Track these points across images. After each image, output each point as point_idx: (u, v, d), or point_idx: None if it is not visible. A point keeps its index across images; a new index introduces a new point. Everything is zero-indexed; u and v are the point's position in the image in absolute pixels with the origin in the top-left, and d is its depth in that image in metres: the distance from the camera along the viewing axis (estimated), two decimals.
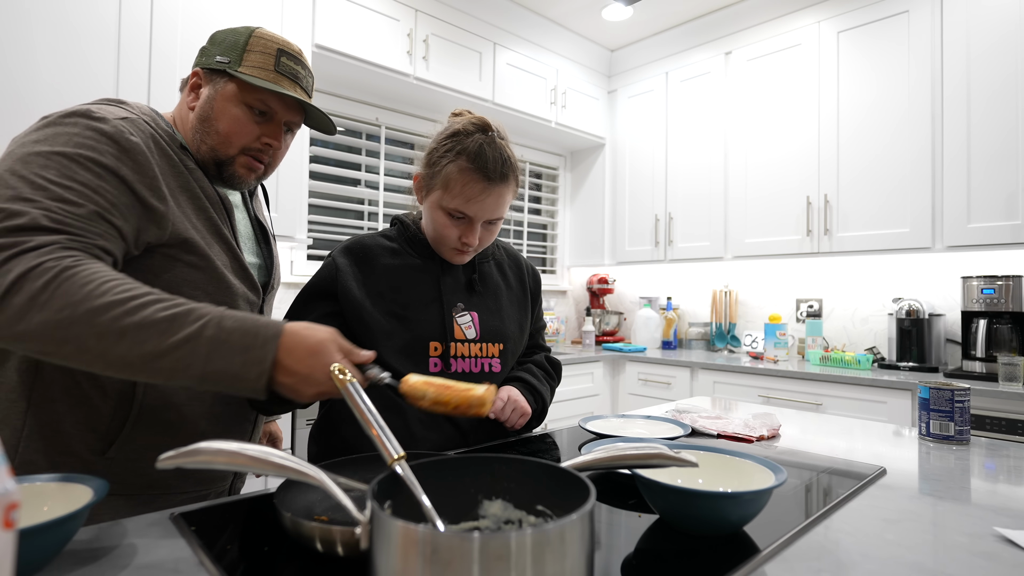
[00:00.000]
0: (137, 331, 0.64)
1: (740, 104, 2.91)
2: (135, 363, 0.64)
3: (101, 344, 0.63)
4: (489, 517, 0.55)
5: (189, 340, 0.65)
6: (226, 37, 0.89)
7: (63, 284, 0.63)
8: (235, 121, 0.87)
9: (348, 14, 2.32)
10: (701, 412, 1.29)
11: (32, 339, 0.63)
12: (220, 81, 0.88)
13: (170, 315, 0.66)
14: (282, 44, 0.90)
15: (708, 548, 0.60)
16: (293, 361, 0.69)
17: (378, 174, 2.80)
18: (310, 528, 0.54)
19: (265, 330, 0.69)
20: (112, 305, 0.64)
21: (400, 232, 1.11)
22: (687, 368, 2.76)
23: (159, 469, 0.78)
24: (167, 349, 0.65)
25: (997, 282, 2.13)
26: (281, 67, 0.89)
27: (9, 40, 1.55)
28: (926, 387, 1.13)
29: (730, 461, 0.73)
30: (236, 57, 0.87)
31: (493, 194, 0.98)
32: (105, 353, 0.64)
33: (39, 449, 0.77)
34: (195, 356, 0.65)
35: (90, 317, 0.63)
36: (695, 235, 3.07)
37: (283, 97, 0.89)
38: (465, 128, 0.99)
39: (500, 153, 0.98)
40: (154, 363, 0.65)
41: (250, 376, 0.67)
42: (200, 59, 0.90)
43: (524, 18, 2.99)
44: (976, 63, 2.18)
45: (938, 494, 0.80)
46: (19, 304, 0.62)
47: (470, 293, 1.10)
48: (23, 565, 0.48)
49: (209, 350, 0.66)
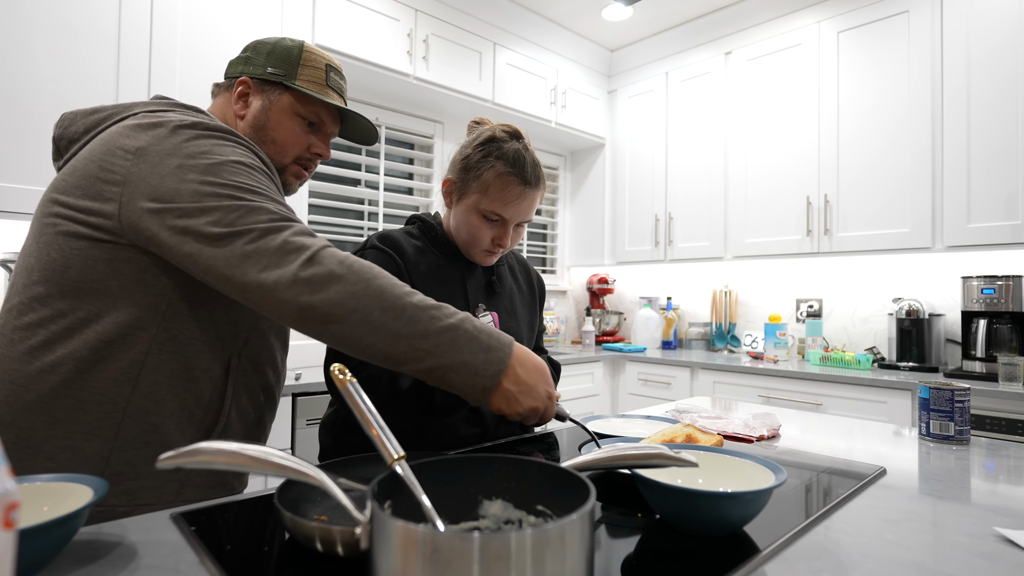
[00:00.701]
0: (413, 311, 0.72)
1: (740, 104, 2.91)
2: (403, 338, 0.71)
3: (383, 317, 0.70)
4: (489, 517, 0.55)
5: (451, 329, 0.73)
6: (274, 49, 0.93)
7: (353, 264, 0.72)
8: (291, 131, 0.93)
9: (348, 14, 2.32)
10: (701, 412, 1.29)
11: (325, 307, 0.69)
12: (274, 92, 0.92)
13: (435, 304, 0.74)
14: (329, 60, 0.96)
15: (708, 548, 0.60)
16: (523, 372, 0.77)
17: (378, 174, 2.80)
18: (310, 528, 0.54)
19: (502, 337, 0.78)
20: (392, 287, 0.72)
21: (423, 231, 1.14)
22: (687, 368, 2.76)
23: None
24: (434, 332, 0.72)
25: (997, 282, 2.13)
26: (331, 82, 0.95)
27: (9, 40, 1.55)
28: (926, 387, 1.13)
29: (730, 461, 0.73)
30: (291, 71, 0.92)
31: (528, 197, 1.05)
32: (384, 326, 0.70)
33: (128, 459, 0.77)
34: (452, 344, 0.72)
35: (379, 293, 0.71)
36: (695, 235, 3.07)
37: (331, 109, 0.95)
38: (500, 136, 1.05)
39: (533, 158, 1.05)
40: (419, 341, 0.71)
41: (488, 373, 0.74)
42: (243, 68, 0.93)
43: (524, 18, 2.99)
44: (976, 63, 2.18)
45: (938, 494, 0.80)
46: (320, 275, 0.70)
47: (489, 294, 1.15)
48: (23, 565, 0.48)
49: (464, 341, 0.73)
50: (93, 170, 0.76)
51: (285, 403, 1.87)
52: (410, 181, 3.00)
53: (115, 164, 0.75)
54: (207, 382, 0.82)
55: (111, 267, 0.75)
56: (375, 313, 0.70)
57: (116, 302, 0.76)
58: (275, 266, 0.70)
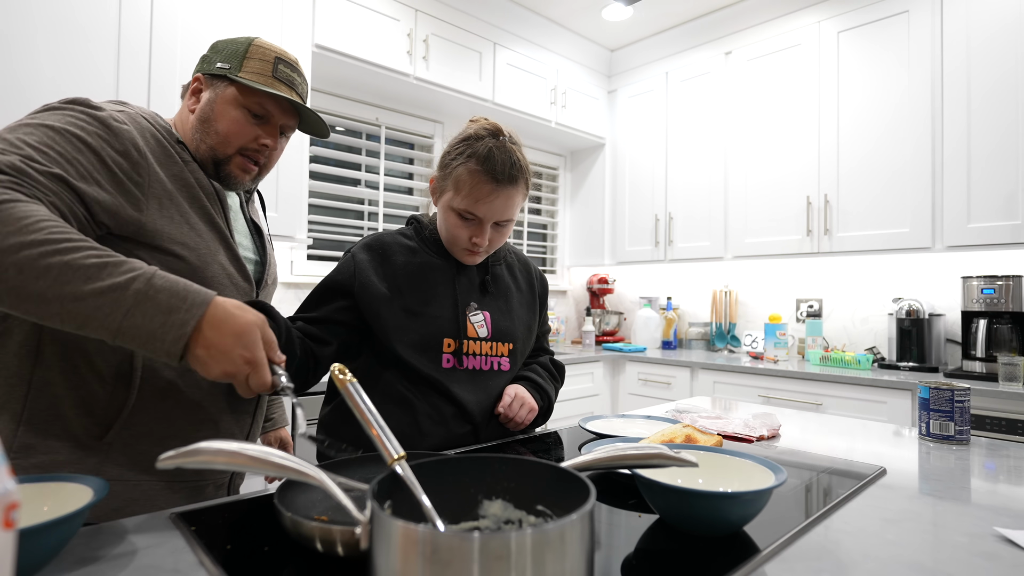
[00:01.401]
0: (61, 270, 0.63)
1: (740, 104, 2.91)
2: (51, 302, 0.63)
3: (20, 277, 0.62)
4: (489, 517, 0.55)
5: (114, 290, 0.64)
6: (227, 46, 0.94)
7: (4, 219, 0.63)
8: (234, 122, 0.91)
9: (348, 14, 2.32)
10: (701, 412, 1.29)
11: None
12: (220, 85, 0.92)
13: (100, 263, 0.65)
14: (279, 53, 0.95)
15: (708, 548, 0.60)
16: (215, 335, 0.68)
17: (378, 174, 2.80)
18: (310, 528, 0.54)
19: (195, 296, 0.68)
20: (43, 242, 0.63)
21: (417, 231, 1.15)
22: (687, 368, 2.76)
23: (159, 469, 0.79)
24: (88, 294, 0.64)
25: (997, 282, 2.13)
26: (278, 73, 0.94)
27: (10, 40, 1.55)
28: (926, 387, 1.13)
29: (730, 461, 0.73)
30: (236, 64, 0.92)
31: (501, 196, 1.02)
32: (22, 287, 0.63)
33: (38, 432, 0.78)
34: (116, 307, 0.64)
35: (17, 249, 0.62)
36: (695, 235, 3.07)
37: (279, 100, 0.94)
38: (477, 133, 1.04)
39: (509, 156, 1.02)
40: (71, 305, 0.63)
41: (167, 339, 0.66)
42: (201, 66, 0.95)
43: (524, 18, 2.99)
44: (976, 63, 2.18)
45: (938, 494, 0.80)
46: None
47: (483, 294, 1.14)
48: (23, 565, 0.48)
49: (132, 304, 0.65)
50: None
51: (285, 403, 1.87)
52: (410, 181, 3.00)
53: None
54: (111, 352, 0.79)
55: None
56: (10, 271, 0.62)
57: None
58: None
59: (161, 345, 0.66)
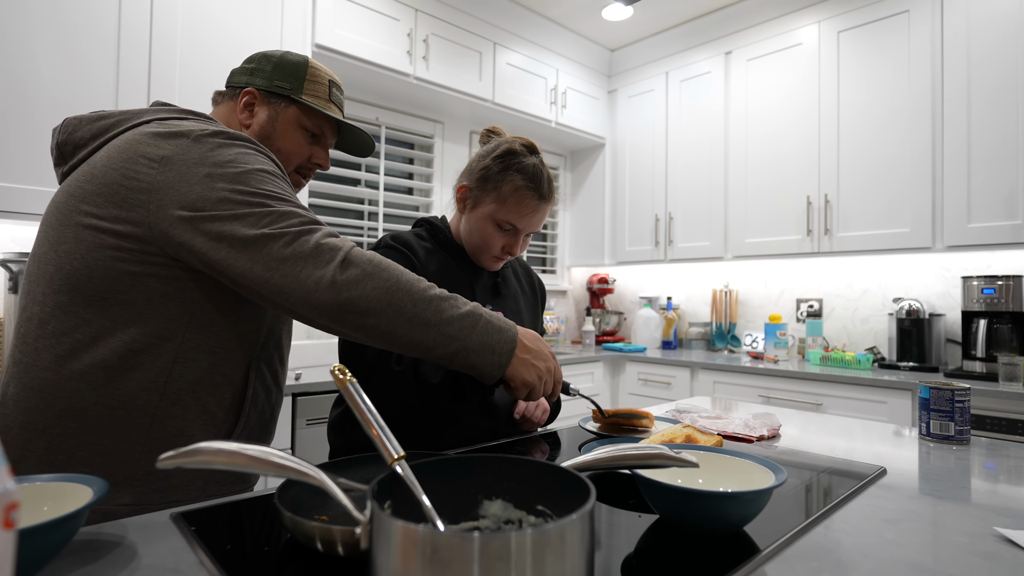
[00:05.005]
0: (438, 301, 0.78)
1: (740, 104, 2.91)
2: (432, 326, 0.77)
3: (415, 308, 0.76)
4: (489, 517, 0.55)
5: (470, 315, 0.80)
6: (281, 62, 0.97)
7: (381, 261, 0.77)
8: (294, 142, 0.98)
9: (348, 14, 2.32)
10: (701, 412, 1.29)
11: (363, 302, 0.74)
12: (280, 104, 0.97)
13: (451, 295, 0.81)
14: (331, 76, 1.02)
15: (708, 548, 0.60)
16: (529, 342, 0.86)
17: (378, 174, 2.80)
18: (310, 528, 0.54)
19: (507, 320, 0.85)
20: (417, 280, 0.78)
21: (431, 233, 1.19)
22: (687, 368, 2.76)
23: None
24: (456, 318, 0.79)
25: (997, 282, 2.13)
26: (333, 97, 1.01)
27: (10, 40, 1.55)
28: (926, 387, 1.13)
29: (730, 461, 0.73)
30: (297, 85, 0.97)
31: (541, 211, 1.11)
32: (416, 316, 0.76)
33: None
34: (473, 328, 0.80)
35: (408, 287, 0.77)
36: (695, 235, 3.07)
37: (332, 122, 1.00)
38: (519, 150, 1.11)
39: (548, 174, 1.12)
40: (445, 328, 0.78)
41: (503, 350, 0.82)
42: (251, 79, 0.97)
43: (524, 18, 2.99)
44: (976, 63, 2.18)
45: (938, 494, 0.80)
46: (355, 274, 0.74)
47: (495, 295, 1.20)
48: (23, 565, 0.48)
49: (482, 325, 0.80)
50: (116, 178, 0.77)
51: (285, 403, 1.87)
52: (410, 181, 3.00)
53: (139, 172, 0.76)
54: (228, 387, 0.85)
55: (136, 280, 0.77)
56: (407, 305, 0.76)
57: (141, 313, 0.77)
58: (312, 267, 0.73)
59: (498, 357, 0.81)
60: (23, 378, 0.77)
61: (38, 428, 0.76)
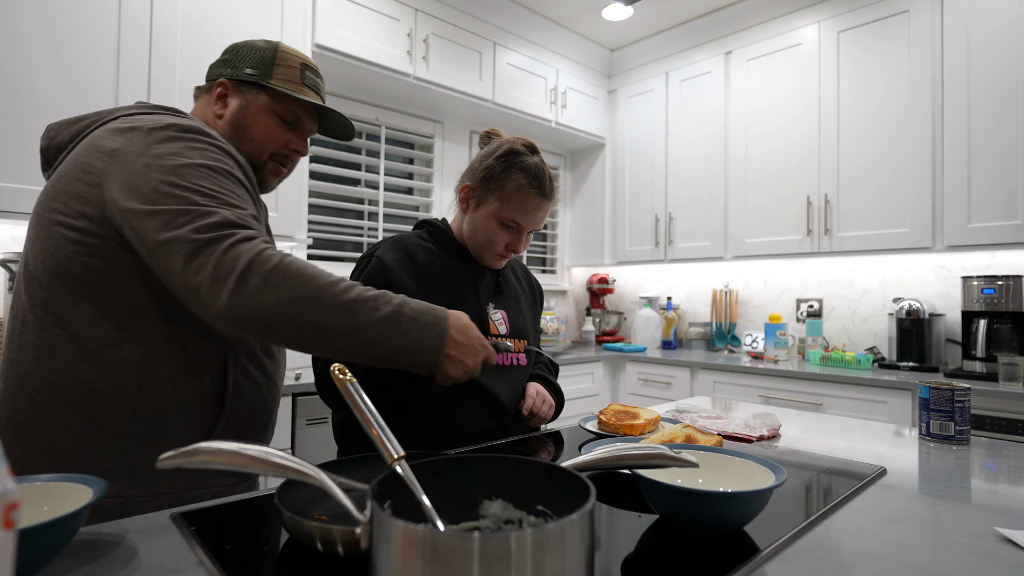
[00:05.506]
0: (353, 306, 0.74)
1: (740, 104, 2.91)
2: (347, 334, 0.73)
3: (324, 317, 0.72)
4: (489, 517, 0.55)
5: (391, 317, 0.76)
6: (250, 51, 0.96)
7: (288, 268, 0.72)
8: (267, 129, 0.96)
9: (348, 14, 2.32)
10: (701, 412, 1.29)
11: (264, 315, 0.70)
12: (251, 92, 0.95)
13: (373, 295, 0.76)
14: (304, 59, 0.99)
15: (708, 548, 0.60)
16: (460, 335, 0.81)
17: (378, 174, 2.80)
18: (310, 528, 0.54)
19: (437, 311, 0.81)
20: (330, 285, 0.73)
21: (432, 234, 1.21)
22: (687, 368, 2.76)
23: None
24: (374, 322, 0.74)
25: (997, 282, 2.13)
26: (306, 80, 0.98)
27: (9, 40, 1.55)
28: (926, 387, 1.13)
29: (730, 461, 0.73)
30: (266, 70, 0.95)
31: (544, 209, 1.13)
32: (326, 325, 0.72)
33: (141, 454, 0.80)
34: (396, 330, 0.76)
35: (317, 294, 0.72)
36: (695, 235, 3.07)
37: (307, 107, 0.98)
38: (521, 149, 1.13)
39: (549, 173, 1.14)
40: (362, 334, 0.74)
41: (430, 349, 0.78)
42: (222, 70, 0.96)
43: (524, 18, 2.99)
44: (976, 63, 2.18)
45: (938, 494, 0.80)
46: (254, 286, 0.70)
47: (497, 294, 1.21)
48: (23, 565, 0.48)
49: (406, 326, 0.76)
50: (76, 173, 0.78)
51: (285, 403, 1.87)
52: (410, 181, 3.00)
53: (93, 166, 0.78)
54: (207, 378, 0.85)
55: (100, 274, 0.77)
56: (315, 315, 0.72)
57: (110, 308, 0.78)
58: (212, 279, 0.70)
59: (426, 356, 0.78)
60: (9, 374, 0.79)
61: (23, 422, 0.77)
